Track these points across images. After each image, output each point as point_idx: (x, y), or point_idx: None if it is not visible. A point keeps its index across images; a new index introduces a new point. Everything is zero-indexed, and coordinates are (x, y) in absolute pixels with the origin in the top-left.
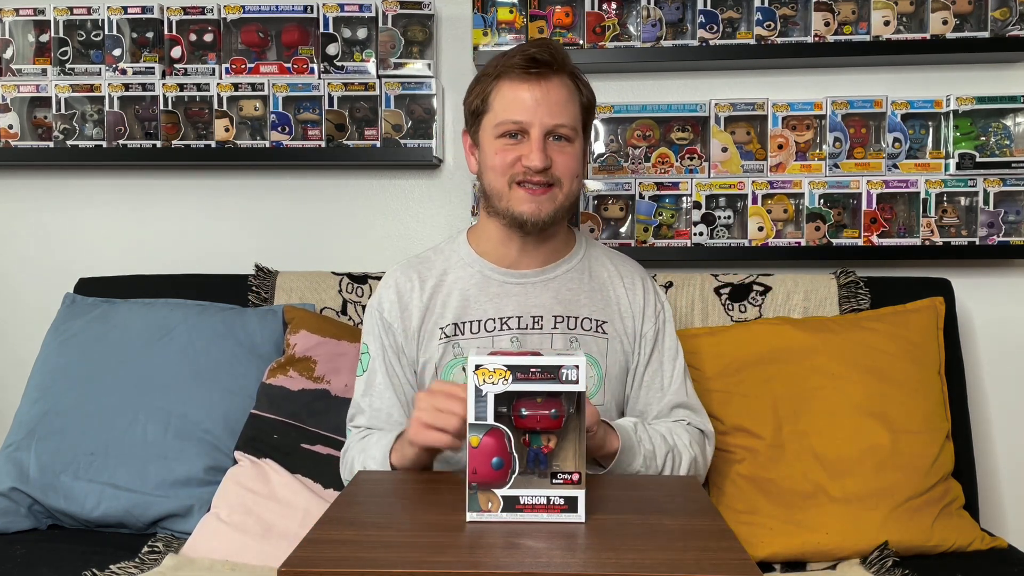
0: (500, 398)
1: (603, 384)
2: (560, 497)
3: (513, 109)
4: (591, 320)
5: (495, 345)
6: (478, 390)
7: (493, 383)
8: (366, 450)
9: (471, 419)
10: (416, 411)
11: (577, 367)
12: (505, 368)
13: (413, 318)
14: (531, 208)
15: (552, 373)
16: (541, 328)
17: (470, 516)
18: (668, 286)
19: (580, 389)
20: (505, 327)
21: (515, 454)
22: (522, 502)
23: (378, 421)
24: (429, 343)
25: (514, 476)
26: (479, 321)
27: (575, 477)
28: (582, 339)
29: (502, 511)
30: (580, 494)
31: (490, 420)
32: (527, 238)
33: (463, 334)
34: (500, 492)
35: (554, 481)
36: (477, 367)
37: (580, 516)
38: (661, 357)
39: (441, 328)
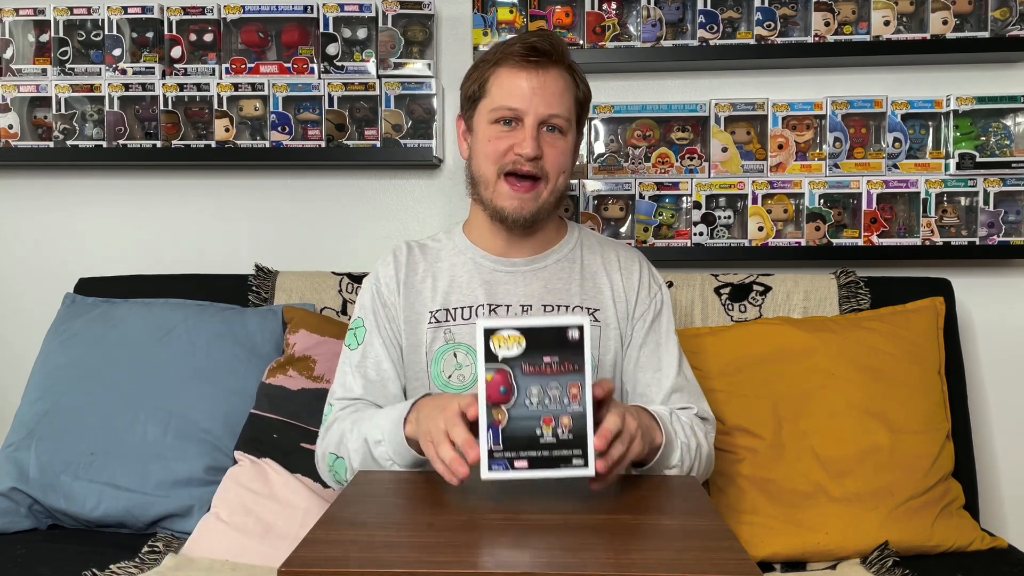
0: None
1: (595, 372)
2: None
3: (510, 96)
4: (582, 308)
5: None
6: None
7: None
8: (364, 421)
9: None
10: (430, 428)
11: (581, 327)
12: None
13: (406, 296)
14: (513, 205)
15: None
16: None
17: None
18: (668, 286)
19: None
20: (494, 315)
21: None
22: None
23: (373, 393)
24: (418, 325)
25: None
26: (470, 307)
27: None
28: None
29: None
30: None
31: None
32: (513, 230)
33: (454, 320)
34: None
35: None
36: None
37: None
38: (659, 338)
39: (431, 312)
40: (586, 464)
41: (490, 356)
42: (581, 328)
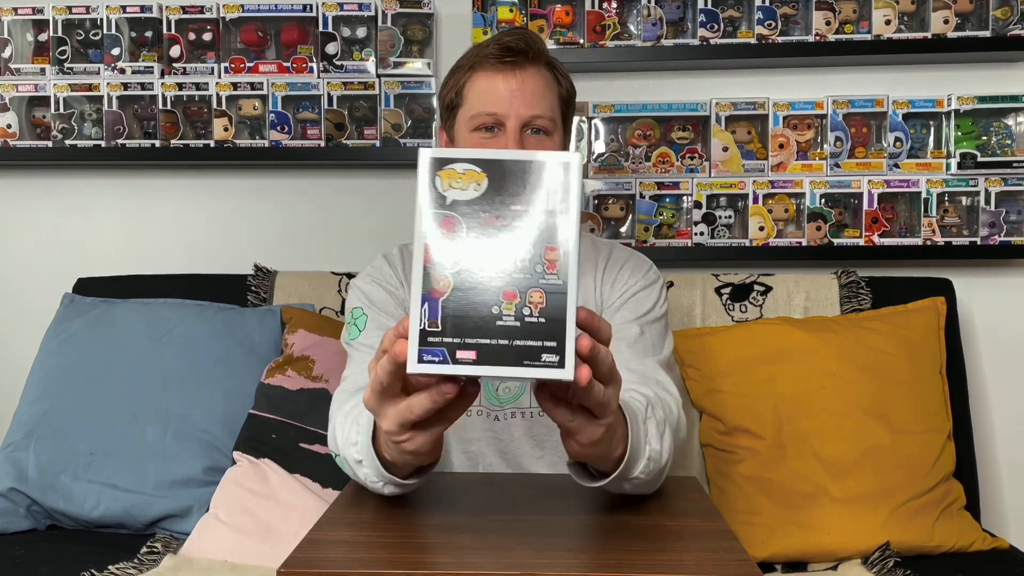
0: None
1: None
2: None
3: (488, 101)
4: None
5: None
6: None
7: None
8: (349, 422)
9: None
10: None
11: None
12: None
13: (402, 293)
14: None
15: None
16: None
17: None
18: (669, 286)
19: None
20: None
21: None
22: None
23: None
24: None
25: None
26: None
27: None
28: None
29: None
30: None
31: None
32: None
33: None
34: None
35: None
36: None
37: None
38: (636, 316)
39: None
40: (561, 364)
41: (436, 199)
42: (568, 165)
